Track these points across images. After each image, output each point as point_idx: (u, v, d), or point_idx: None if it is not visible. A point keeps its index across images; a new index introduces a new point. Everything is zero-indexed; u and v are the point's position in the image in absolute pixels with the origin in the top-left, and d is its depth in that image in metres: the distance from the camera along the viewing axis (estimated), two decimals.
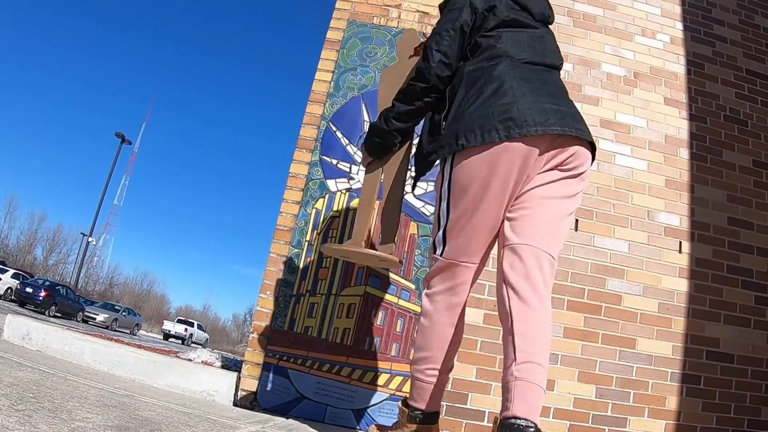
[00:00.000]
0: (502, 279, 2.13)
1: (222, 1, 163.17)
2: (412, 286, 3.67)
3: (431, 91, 2.35)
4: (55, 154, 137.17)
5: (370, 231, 2.80)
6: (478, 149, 2.09)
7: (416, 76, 2.36)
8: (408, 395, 2.41)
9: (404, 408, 2.39)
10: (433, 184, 3.62)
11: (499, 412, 2.38)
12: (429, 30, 4.17)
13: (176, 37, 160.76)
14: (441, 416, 3.35)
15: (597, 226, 3.91)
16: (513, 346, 2.05)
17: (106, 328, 29.04)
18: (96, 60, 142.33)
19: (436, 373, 2.30)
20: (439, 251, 2.26)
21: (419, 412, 2.33)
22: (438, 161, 2.27)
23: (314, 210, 3.79)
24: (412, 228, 3.76)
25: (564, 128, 2.10)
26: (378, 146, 2.61)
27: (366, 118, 3.96)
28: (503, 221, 2.18)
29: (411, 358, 2.44)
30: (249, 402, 3.45)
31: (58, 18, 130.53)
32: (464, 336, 3.51)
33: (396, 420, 2.48)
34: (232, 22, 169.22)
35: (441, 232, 2.24)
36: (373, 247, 2.81)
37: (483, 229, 2.19)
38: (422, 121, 2.52)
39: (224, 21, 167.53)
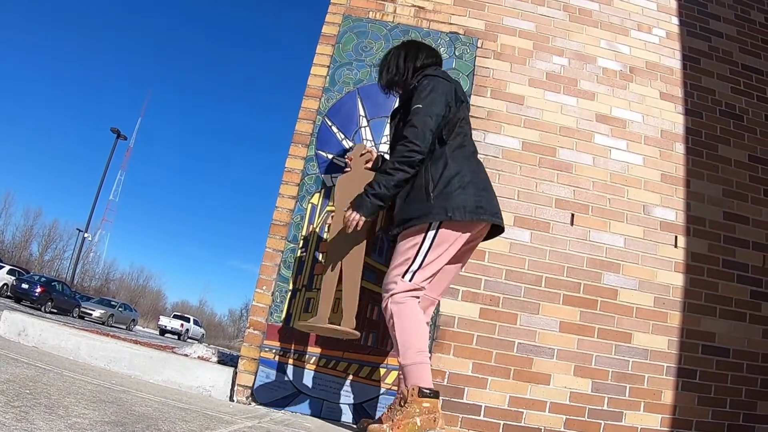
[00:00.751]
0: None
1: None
2: None
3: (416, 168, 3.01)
4: (50, 150, 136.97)
5: (332, 308, 3.25)
6: (458, 222, 2.92)
7: (406, 160, 2.97)
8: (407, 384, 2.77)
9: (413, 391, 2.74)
10: None
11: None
12: (424, 24, 4.17)
13: (172, 30, 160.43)
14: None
15: (593, 220, 3.92)
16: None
17: (102, 323, 28.95)
18: (90, 55, 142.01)
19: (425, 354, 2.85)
20: (408, 277, 2.93)
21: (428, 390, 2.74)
22: (412, 220, 2.96)
23: (310, 205, 3.79)
24: None
25: (501, 222, 3.08)
26: (378, 208, 3.06)
27: (361, 112, 3.95)
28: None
29: (404, 358, 2.82)
30: (245, 397, 3.44)
31: (55, 14, 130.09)
32: (460, 330, 3.58)
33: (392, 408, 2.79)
34: (228, 15, 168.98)
35: (418, 266, 2.93)
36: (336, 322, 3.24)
37: (438, 270, 3.00)
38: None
39: (219, 14, 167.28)
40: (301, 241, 3.72)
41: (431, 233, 2.92)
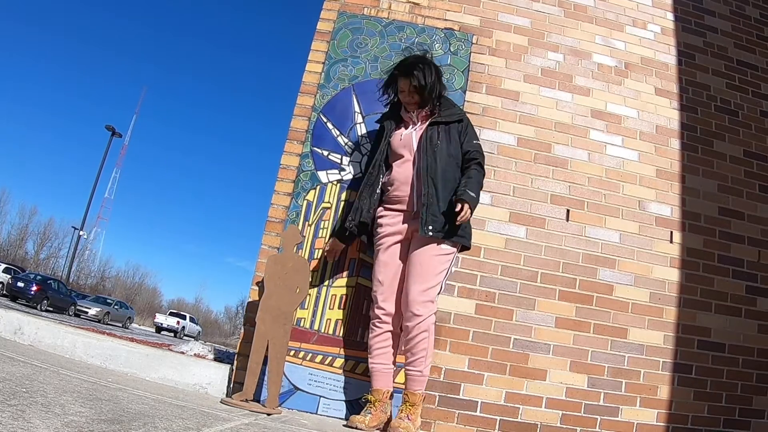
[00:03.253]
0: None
1: None
2: None
3: None
4: (45, 148, 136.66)
5: (256, 380, 3.24)
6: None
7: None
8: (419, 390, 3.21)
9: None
10: None
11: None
12: (419, 21, 4.17)
13: (168, 25, 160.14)
14: (434, 406, 3.39)
15: (588, 216, 3.92)
16: None
17: (99, 321, 28.85)
18: (85, 53, 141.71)
19: None
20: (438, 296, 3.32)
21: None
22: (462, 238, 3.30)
23: (305, 201, 3.79)
24: None
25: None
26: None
27: (357, 109, 3.95)
28: None
29: (428, 368, 3.25)
30: None
31: (51, 14, 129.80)
32: (456, 327, 3.60)
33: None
34: (222, 14, 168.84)
35: (444, 286, 3.33)
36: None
37: None
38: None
39: (214, 13, 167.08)
40: None
41: (454, 257, 3.33)
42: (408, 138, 3.41)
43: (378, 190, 3.41)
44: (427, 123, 3.40)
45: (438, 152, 3.29)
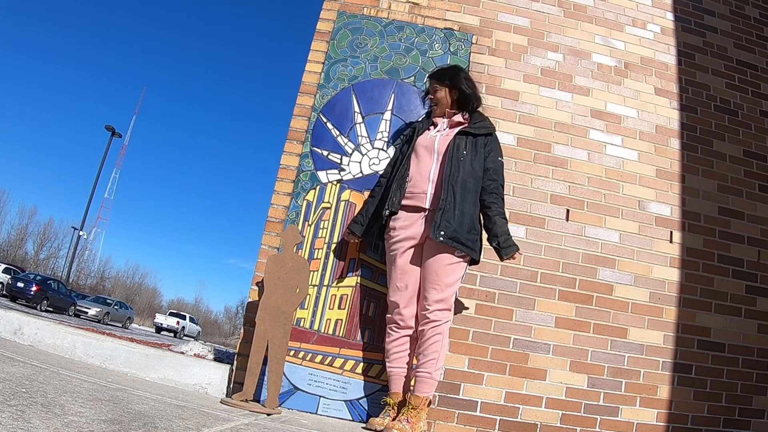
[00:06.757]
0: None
1: None
2: None
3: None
4: (45, 149, 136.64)
5: (256, 380, 3.23)
6: None
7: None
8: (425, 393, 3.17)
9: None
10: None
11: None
12: (419, 21, 4.17)
13: (168, 24, 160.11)
14: (433, 406, 3.39)
15: (588, 216, 3.92)
16: None
17: (98, 321, 28.84)
18: (85, 54, 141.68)
19: None
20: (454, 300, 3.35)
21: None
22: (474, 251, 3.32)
23: (305, 201, 3.79)
24: None
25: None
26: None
27: (356, 109, 3.95)
28: None
29: (438, 372, 3.22)
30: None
31: (50, 15, 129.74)
32: (455, 326, 3.59)
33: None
34: (223, 14, 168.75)
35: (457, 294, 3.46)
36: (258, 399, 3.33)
37: None
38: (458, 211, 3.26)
39: (214, 13, 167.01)
40: None
41: (466, 265, 3.35)
42: (432, 140, 3.45)
43: (406, 183, 3.42)
44: (456, 131, 3.43)
45: (462, 162, 3.32)
